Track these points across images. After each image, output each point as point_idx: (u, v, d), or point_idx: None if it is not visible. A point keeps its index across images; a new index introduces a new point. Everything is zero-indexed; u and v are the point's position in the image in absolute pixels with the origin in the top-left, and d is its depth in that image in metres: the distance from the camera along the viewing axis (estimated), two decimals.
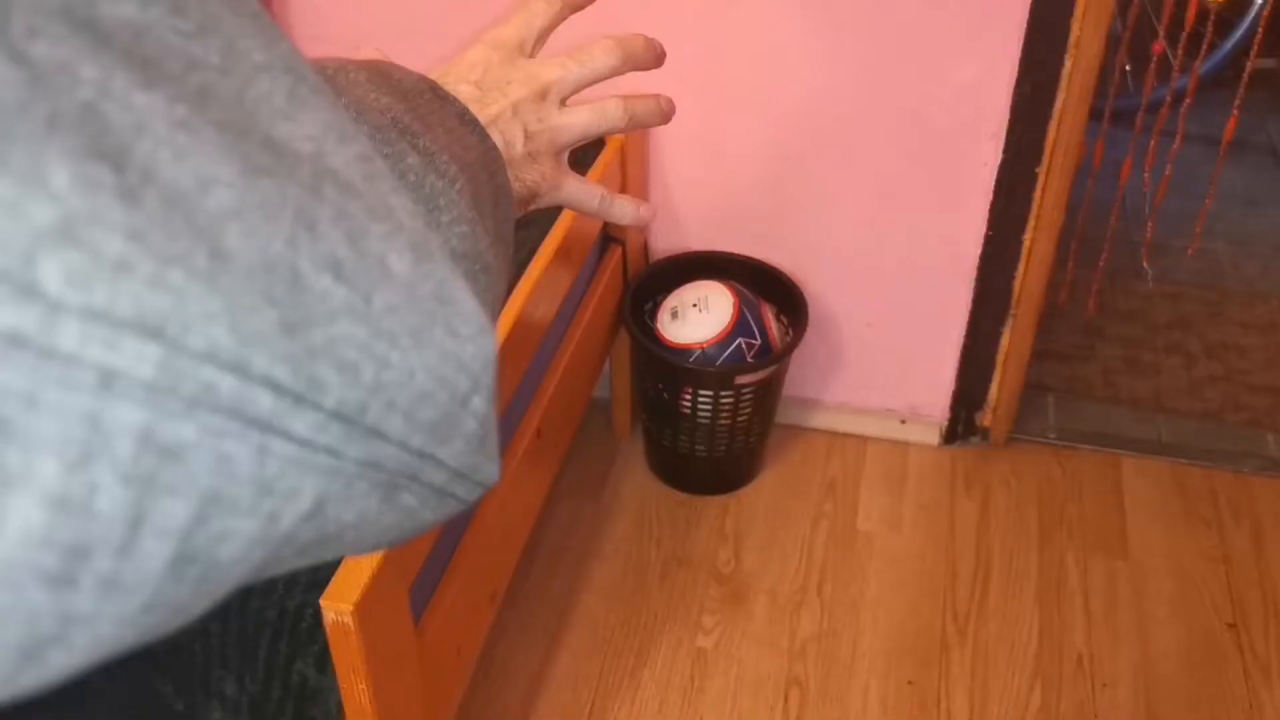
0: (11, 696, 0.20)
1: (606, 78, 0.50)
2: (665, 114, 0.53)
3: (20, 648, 0.18)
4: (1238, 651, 1.47)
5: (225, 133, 0.20)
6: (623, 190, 1.54)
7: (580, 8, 0.52)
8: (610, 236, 1.58)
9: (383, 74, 0.39)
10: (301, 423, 0.20)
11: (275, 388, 0.20)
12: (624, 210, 0.54)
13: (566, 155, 0.51)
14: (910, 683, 1.44)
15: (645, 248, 1.70)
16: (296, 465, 0.21)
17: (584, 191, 0.52)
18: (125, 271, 0.17)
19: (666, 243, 1.70)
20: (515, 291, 1.20)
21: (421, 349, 0.23)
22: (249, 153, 0.20)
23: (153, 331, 0.18)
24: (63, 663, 0.19)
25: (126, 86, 0.18)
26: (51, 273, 0.16)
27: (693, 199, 1.65)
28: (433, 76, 0.48)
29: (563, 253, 1.31)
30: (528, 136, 0.48)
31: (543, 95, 0.49)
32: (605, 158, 1.45)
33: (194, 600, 0.21)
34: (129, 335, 0.17)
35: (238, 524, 0.20)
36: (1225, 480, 1.71)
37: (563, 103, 0.49)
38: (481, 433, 0.27)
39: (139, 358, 0.17)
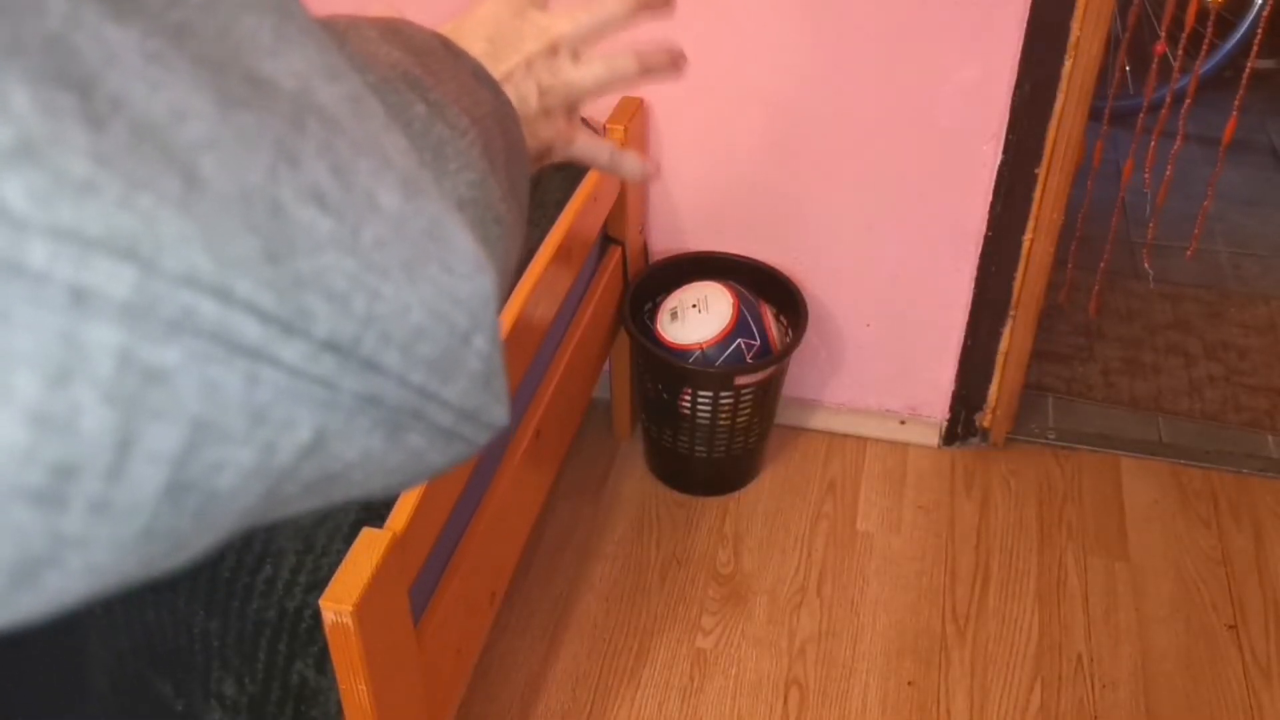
0: (13, 620, 0.20)
1: (619, 27, 0.50)
2: (677, 63, 0.52)
3: (11, 567, 0.18)
4: (1237, 652, 1.47)
5: (202, 67, 0.20)
6: (622, 191, 1.54)
7: None
8: (610, 237, 1.58)
9: (394, 30, 0.39)
10: (291, 351, 0.20)
11: (261, 314, 0.20)
12: (632, 165, 0.55)
13: (579, 110, 0.51)
14: (910, 683, 1.44)
15: (645, 248, 1.70)
16: (289, 395, 0.21)
17: (595, 146, 0.52)
18: (92, 192, 0.17)
19: (666, 243, 1.70)
20: (515, 292, 1.20)
21: (415, 283, 0.23)
22: (227, 86, 0.20)
23: (125, 252, 0.17)
24: (59, 585, 0.19)
25: (98, 19, 0.18)
26: (13, 190, 0.16)
27: (693, 199, 1.65)
28: (444, 32, 0.48)
29: (563, 253, 1.31)
30: (542, 92, 0.48)
31: (555, 50, 0.48)
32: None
33: (196, 532, 0.21)
34: (100, 254, 0.17)
35: (233, 453, 0.20)
36: (1225, 481, 1.71)
37: (575, 57, 0.49)
38: (486, 372, 0.27)
39: (112, 277, 0.17)
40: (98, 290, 0.17)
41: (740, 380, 1.51)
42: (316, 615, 0.86)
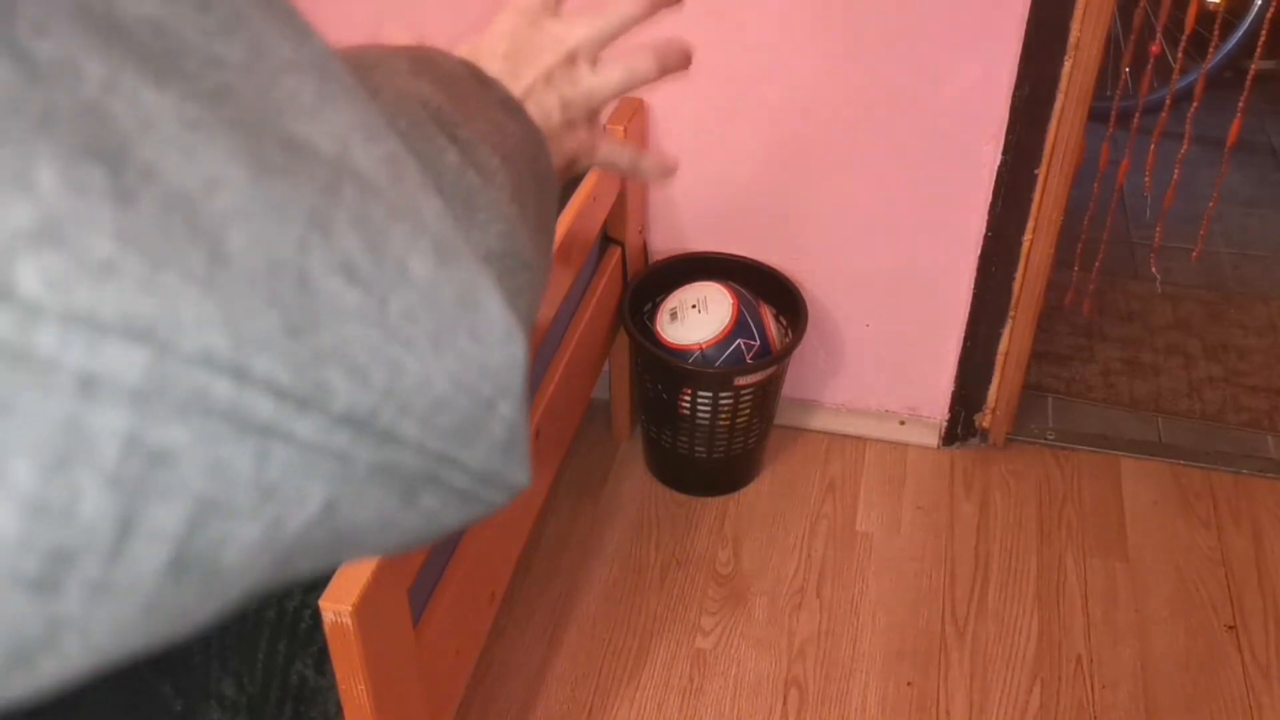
0: (10, 701, 0.20)
1: (633, 26, 0.50)
2: (688, 57, 0.52)
3: (6, 652, 0.18)
4: (1237, 653, 1.47)
5: (239, 132, 0.19)
6: (622, 191, 1.54)
7: None
8: (610, 237, 1.58)
9: (424, 60, 0.38)
10: (305, 426, 0.20)
11: (276, 391, 0.19)
12: (654, 167, 0.55)
13: (599, 116, 0.51)
14: (909, 684, 1.44)
15: (645, 248, 1.70)
16: (301, 469, 0.20)
17: (617, 152, 0.52)
18: (112, 274, 0.17)
19: (666, 243, 1.70)
20: None
21: (441, 355, 0.23)
22: (263, 152, 0.20)
23: (141, 335, 0.17)
24: (56, 668, 0.19)
25: (136, 84, 0.18)
26: (29, 275, 0.16)
27: (692, 200, 1.65)
28: (463, 51, 0.47)
29: (562, 253, 1.31)
30: (563, 105, 0.47)
31: (573, 59, 0.48)
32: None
33: (200, 605, 0.21)
34: (114, 339, 0.17)
35: (239, 528, 0.19)
36: (1225, 481, 1.71)
37: (593, 63, 0.49)
38: (509, 438, 0.26)
39: (125, 361, 0.17)
40: (108, 376, 0.17)
41: (740, 381, 1.51)
42: (316, 615, 0.86)
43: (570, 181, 1.43)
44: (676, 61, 0.51)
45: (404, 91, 0.34)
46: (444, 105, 0.34)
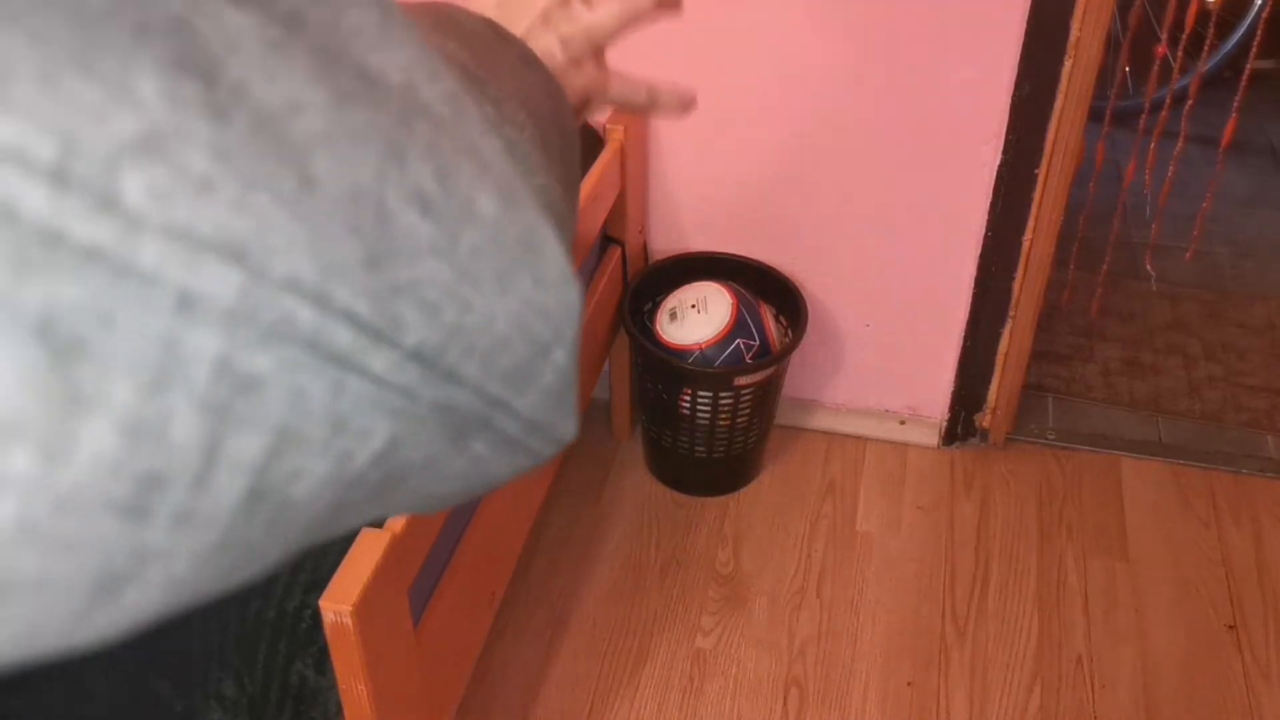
0: (91, 639, 0.19)
1: None
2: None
3: (93, 581, 0.18)
4: (1237, 653, 1.47)
5: (317, 57, 0.19)
6: (621, 191, 1.54)
7: None
8: (610, 237, 1.58)
9: (447, 19, 0.38)
10: (379, 361, 0.20)
11: (355, 322, 0.19)
12: (671, 99, 0.54)
13: (604, 54, 0.50)
14: (909, 684, 1.44)
15: (645, 248, 1.70)
16: (371, 404, 0.20)
17: (630, 87, 0.52)
18: (209, 191, 0.16)
19: (666, 243, 1.70)
20: None
21: (505, 295, 0.23)
22: (340, 80, 0.20)
23: (235, 255, 0.17)
24: (139, 602, 0.19)
25: (219, 3, 0.18)
26: (134, 186, 0.16)
27: (693, 199, 1.64)
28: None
29: None
30: (564, 42, 0.47)
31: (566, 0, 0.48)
32: (605, 158, 1.45)
33: (268, 542, 0.21)
34: (210, 257, 0.17)
35: (311, 462, 0.20)
36: (1225, 481, 1.71)
37: (588, 3, 0.48)
38: (560, 387, 0.26)
39: (220, 281, 0.17)
40: (204, 295, 0.17)
41: (740, 381, 1.51)
42: (316, 615, 0.86)
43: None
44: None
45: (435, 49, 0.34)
46: (470, 62, 0.34)
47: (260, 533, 0.20)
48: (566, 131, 0.39)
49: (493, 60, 0.36)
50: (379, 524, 0.92)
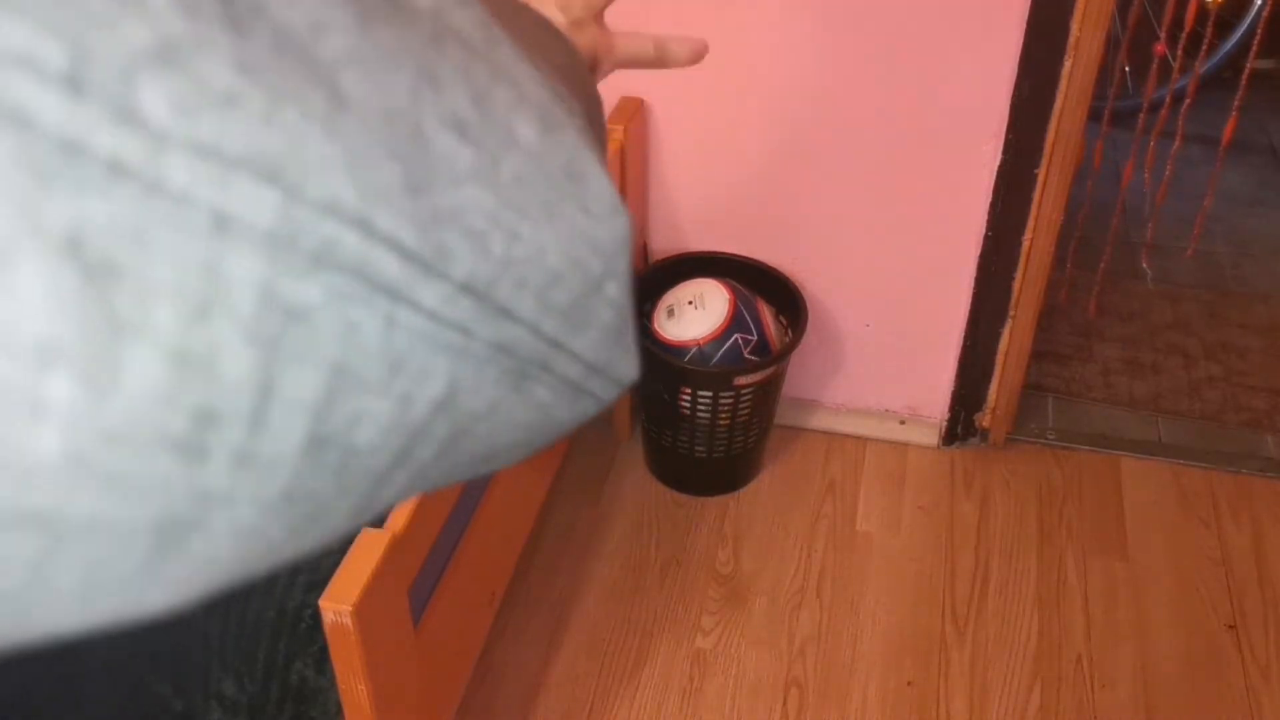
0: (167, 599, 0.19)
1: None
2: None
3: (155, 526, 0.17)
4: (1237, 653, 1.47)
5: None
6: (622, 191, 1.54)
7: None
8: None
9: None
10: (430, 293, 0.19)
11: (401, 251, 0.18)
12: (680, 51, 0.53)
13: (603, 17, 0.50)
14: (909, 684, 1.44)
15: (645, 248, 1.70)
16: (427, 341, 0.19)
17: (637, 44, 0.51)
18: (235, 105, 0.16)
19: (665, 243, 1.70)
20: None
21: (553, 224, 0.22)
22: (365, 1, 0.19)
23: (268, 174, 0.16)
24: (208, 553, 0.18)
25: None
26: (154, 98, 0.15)
27: (692, 199, 1.65)
28: None
29: None
30: (563, 6, 0.47)
31: None
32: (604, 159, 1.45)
33: (335, 494, 0.20)
34: (243, 176, 0.16)
35: (371, 403, 0.19)
36: (1224, 481, 1.71)
37: None
38: (618, 323, 0.25)
39: (255, 201, 0.16)
40: (240, 216, 0.16)
41: (739, 380, 1.51)
42: (316, 615, 0.86)
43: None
44: None
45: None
46: (489, 18, 0.34)
47: (327, 483, 0.19)
48: (590, 94, 0.38)
49: (510, 20, 0.35)
50: (379, 523, 0.92)
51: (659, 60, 0.52)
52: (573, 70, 0.38)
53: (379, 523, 0.92)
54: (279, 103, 0.16)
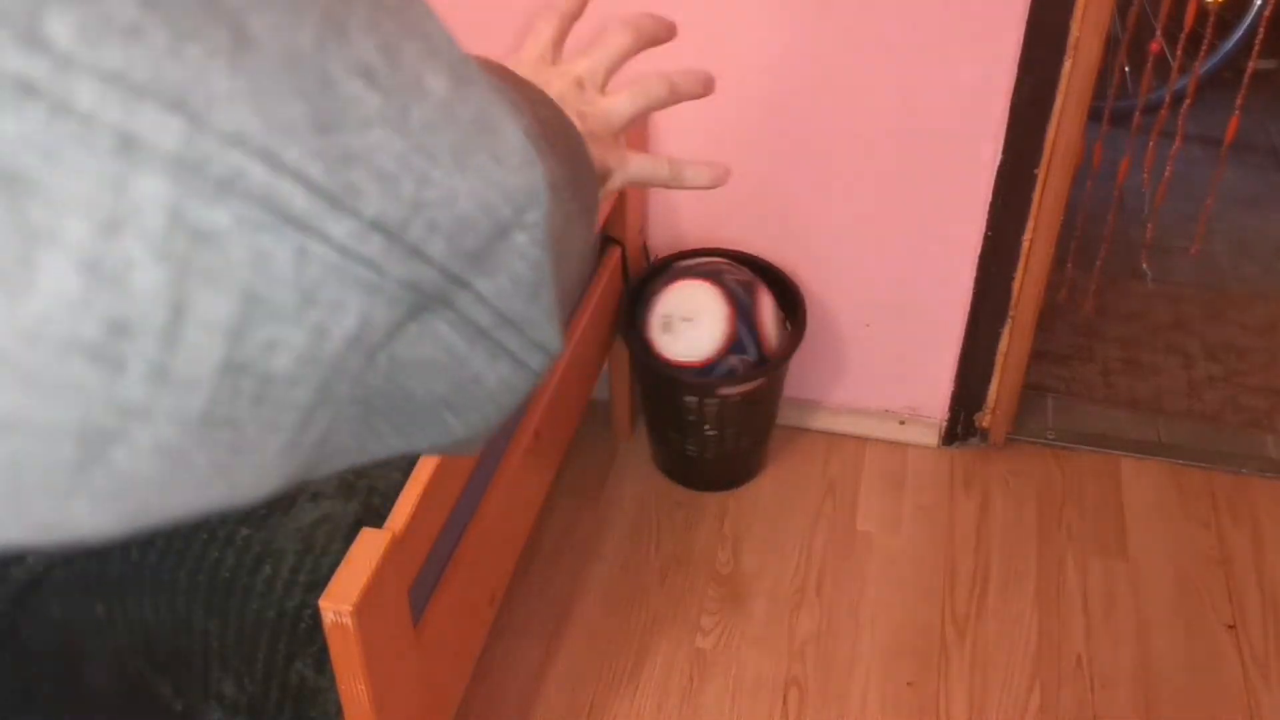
0: (94, 519, 0.19)
1: (628, 57, 0.51)
2: (706, 85, 0.52)
3: (77, 431, 0.18)
4: (1237, 653, 1.47)
5: None
6: (617, 200, 1.53)
7: (578, 14, 0.52)
8: (609, 237, 1.58)
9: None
10: (340, 228, 0.20)
11: (309, 185, 0.19)
12: (698, 175, 0.54)
13: (622, 138, 0.51)
14: (909, 684, 1.44)
15: (645, 249, 1.70)
16: (337, 274, 0.20)
17: (651, 164, 0.52)
18: (139, 36, 0.17)
19: (665, 243, 1.70)
20: None
21: (464, 171, 0.23)
22: None
23: (173, 102, 0.17)
24: (132, 468, 0.19)
25: None
26: (59, 26, 0.16)
27: (692, 199, 1.65)
28: None
29: None
30: (581, 117, 0.47)
31: (580, 85, 0.49)
32: None
33: (259, 427, 0.21)
34: (148, 102, 0.17)
35: (285, 332, 0.20)
36: (1224, 481, 1.71)
37: (601, 90, 0.49)
38: (533, 279, 0.26)
39: (161, 127, 0.17)
40: (146, 139, 0.17)
41: (737, 390, 1.51)
42: (316, 615, 0.86)
43: None
44: (691, 88, 0.52)
45: None
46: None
47: (246, 410, 0.20)
48: (582, 160, 0.39)
49: (503, 74, 0.36)
50: (379, 523, 0.92)
51: (673, 180, 0.53)
52: (564, 132, 0.38)
53: (379, 522, 0.92)
54: (183, 38, 0.17)
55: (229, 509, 0.22)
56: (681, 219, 1.67)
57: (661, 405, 1.59)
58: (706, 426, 1.57)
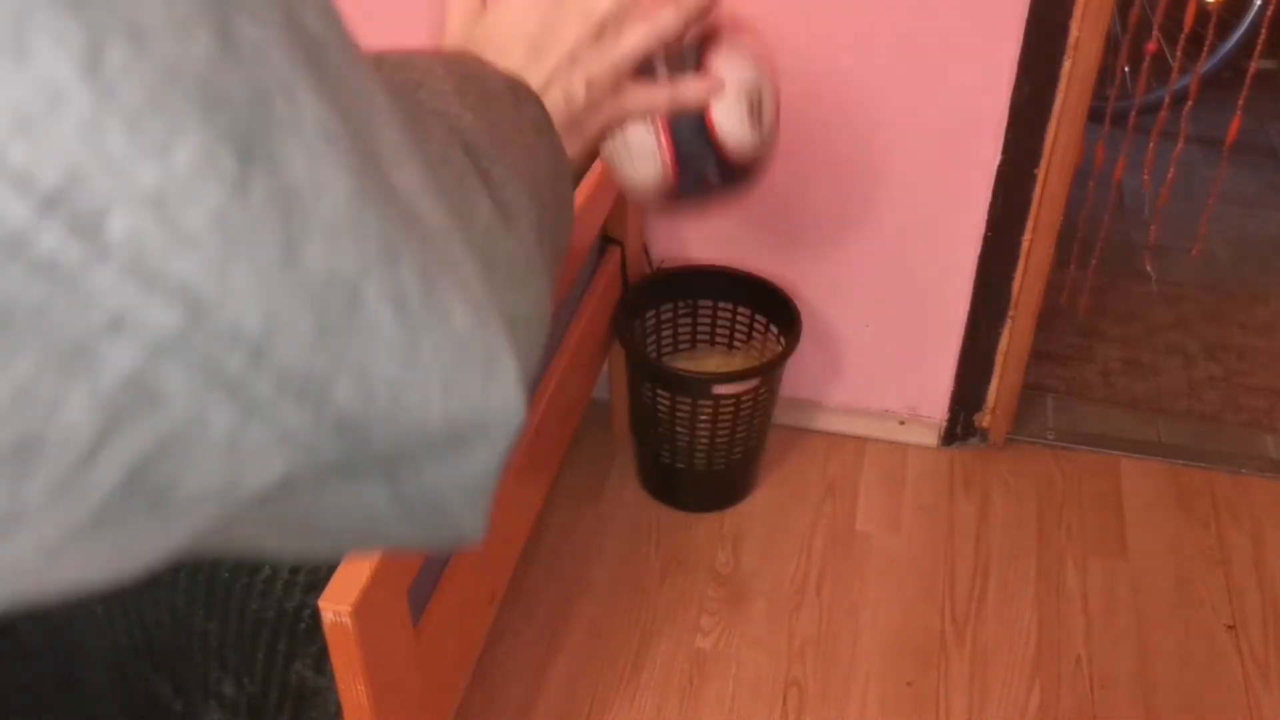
0: None
1: None
2: (710, 3, 0.53)
3: None
4: (1236, 653, 1.47)
5: (356, 156, 0.21)
6: (617, 199, 1.53)
7: None
8: (609, 237, 1.58)
9: (469, 79, 0.39)
10: (294, 418, 0.21)
11: (282, 378, 0.20)
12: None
13: (626, 82, 0.50)
14: (909, 684, 1.44)
15: (645, 250, 1.70)
16: (270, 447, 0.21)
17: (651, 99, 0.52)
18: (192, 248, 0.18)
19: (663, 246, 1.70)
20: None
21: (448, 395, 0.24)
22: (366, 179, 0.21)
23: (186, 302, 0.18)
24: (4, 557, 0.19)
25: (302, 84, 0.20)
26: (118, 228, 0.17)
27: None
28: (486, 24, 0.47)
29: None
30: (588, 84, 0.47)
31: (599, 31, 0.48)
32: (602, 163, 1.45)
33: (145, 538, 0.21)
34: (160, 294, 0.18)
35: (196, 473, 0.20)
36: (1224, 481, 1.71)
37: (619, 31, 0.49)
38: (479, 484, 0.27)
39: (159, 315, 0.18)
40: (139, 321, 0.18)
41: (719, 389, 1.51)
42: (315, 615, 0.86)
43: None
44: (696, 6, 0.52)
45: (447, 119, 0.35)
46: (482, 136, 0.35)
47: (137, 522, 0.20)
48: (564, 204, 0.41)
49: (505, 128, 0.37)
50: None
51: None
52: (552, 175, 0.40)
53: None
54: (232, 256, 0.18)
55: (110, 587, 0.23)
56: (680, 222, 1.67)
57: (655, 413, 1.59)
58: (699, 433, 1.56)
